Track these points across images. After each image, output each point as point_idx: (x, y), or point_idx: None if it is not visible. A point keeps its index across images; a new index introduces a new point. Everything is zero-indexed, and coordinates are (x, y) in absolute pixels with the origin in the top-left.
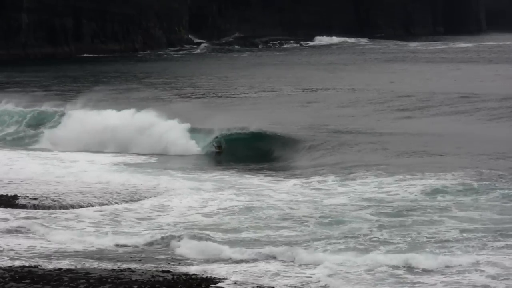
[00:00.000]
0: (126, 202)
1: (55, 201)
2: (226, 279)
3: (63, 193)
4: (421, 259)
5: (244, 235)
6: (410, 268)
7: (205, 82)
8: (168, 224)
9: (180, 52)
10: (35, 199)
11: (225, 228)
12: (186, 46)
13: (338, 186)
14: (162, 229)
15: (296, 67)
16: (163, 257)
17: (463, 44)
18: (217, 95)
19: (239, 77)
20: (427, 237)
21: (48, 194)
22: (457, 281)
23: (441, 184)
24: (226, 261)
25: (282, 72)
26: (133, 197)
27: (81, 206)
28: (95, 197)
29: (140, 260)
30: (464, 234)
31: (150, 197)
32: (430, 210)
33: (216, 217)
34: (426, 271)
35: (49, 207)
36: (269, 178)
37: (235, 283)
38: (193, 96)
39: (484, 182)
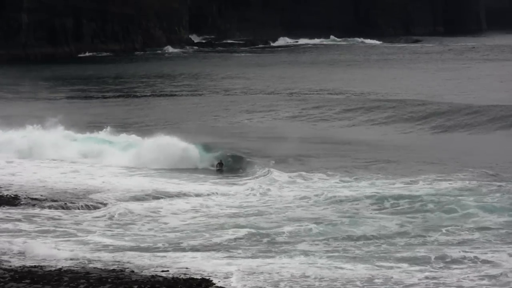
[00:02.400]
0: (132, 203)
1: (55, 201)
2: (226, 279)
3: (72, 194)
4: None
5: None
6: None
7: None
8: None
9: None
10: (36, 199)
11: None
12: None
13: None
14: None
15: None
16: (163, 257)
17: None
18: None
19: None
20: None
21: (52, 195)
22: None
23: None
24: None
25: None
26: (137, 199)
27: (85, 206)
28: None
29: (140, 260)
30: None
31: (151, 200)
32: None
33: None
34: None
35: (51, 208)
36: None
37: (235, 283)
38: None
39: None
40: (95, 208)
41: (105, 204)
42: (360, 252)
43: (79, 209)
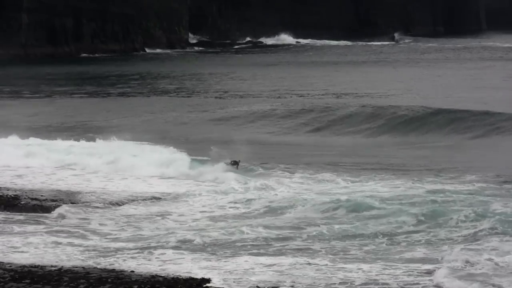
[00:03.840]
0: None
1: (54, 201)
2: (226, 279)
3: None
4: None
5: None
6: None
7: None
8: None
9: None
10: (35, 199)
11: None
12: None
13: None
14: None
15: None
16: (163, 257)
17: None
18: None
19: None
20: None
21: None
22: None
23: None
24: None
25: None
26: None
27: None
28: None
29: (140, 260)
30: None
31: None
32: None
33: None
34: None
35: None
36: None
37: (235, 283)
38: None
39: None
40: (97, 208)
41: (107, 205)
42: (361, 252)
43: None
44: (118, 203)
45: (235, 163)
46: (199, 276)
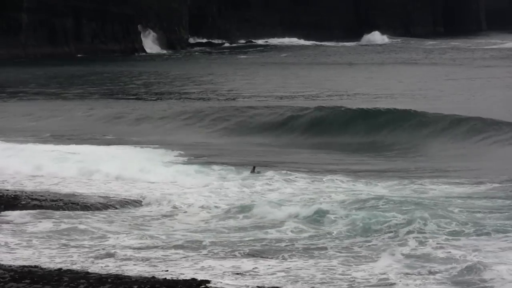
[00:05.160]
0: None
1: (54, 201)
2: (226, 279)
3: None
4: None
5: None
6: None
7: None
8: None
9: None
10: (36, 199)
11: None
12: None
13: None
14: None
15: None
16: (163, 257)
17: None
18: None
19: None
20: None
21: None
22: None
23: None
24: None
25: None
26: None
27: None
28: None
29: (140, 260)
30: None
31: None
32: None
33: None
34: None
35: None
36: None
37: (235, 283)
38: None
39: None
40: (98, 209)
41: (109, 206)
42: (363, 250)
43: (80, 210)
44: (119, 204)
45: (253, 170)
46: (199, 277)
